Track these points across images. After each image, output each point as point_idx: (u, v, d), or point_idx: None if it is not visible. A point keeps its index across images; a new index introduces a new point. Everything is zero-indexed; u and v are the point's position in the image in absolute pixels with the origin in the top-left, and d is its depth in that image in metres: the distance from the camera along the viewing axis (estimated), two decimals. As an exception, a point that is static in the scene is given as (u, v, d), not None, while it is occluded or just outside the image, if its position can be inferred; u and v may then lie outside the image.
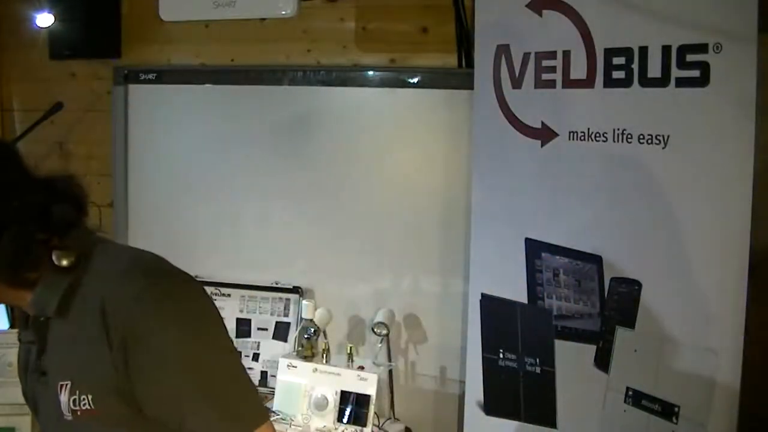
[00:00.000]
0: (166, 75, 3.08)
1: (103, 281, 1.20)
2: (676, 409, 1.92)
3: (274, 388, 2.63)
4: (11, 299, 1.26)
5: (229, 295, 2.94)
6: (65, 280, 1.23)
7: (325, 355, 2.58)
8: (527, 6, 2.22)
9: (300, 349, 2.62)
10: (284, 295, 2.91)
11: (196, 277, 1.30)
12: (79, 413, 1.19)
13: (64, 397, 1.21)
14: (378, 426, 2.60)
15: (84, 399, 1.19)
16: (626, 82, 1.98)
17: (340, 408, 2.48)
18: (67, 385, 1.21)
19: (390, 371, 2.72)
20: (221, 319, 1.24)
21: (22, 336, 1.34)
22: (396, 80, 2.77)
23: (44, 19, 3.04)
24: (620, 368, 2.06)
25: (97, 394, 1.18)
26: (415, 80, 2.74)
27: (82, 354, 1.19)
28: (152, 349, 1.14)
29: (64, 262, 1.22)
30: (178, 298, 1.20)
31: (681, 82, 1.87)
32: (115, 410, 1.18)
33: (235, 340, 2.81)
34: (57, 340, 1.25)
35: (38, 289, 1.23)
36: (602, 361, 2.10)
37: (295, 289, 2.90)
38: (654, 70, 1.92)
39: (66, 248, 1.23)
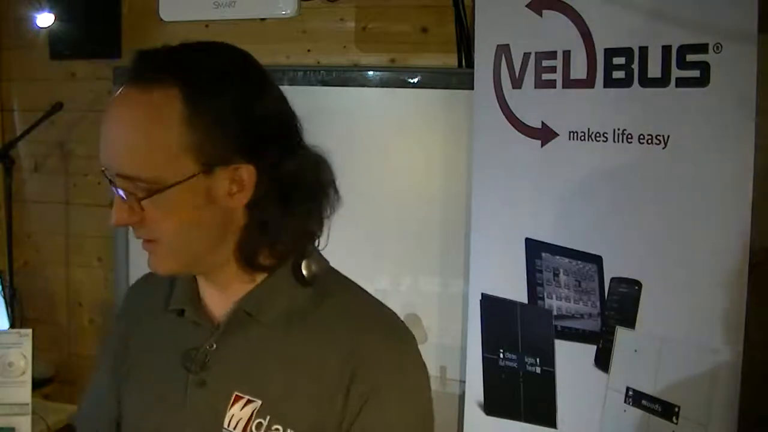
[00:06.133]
0: (166, 75, 3.07)
1: (357, 327, 1.12)
2: (676, 409, 1.91)
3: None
4: (215, 266, 1.11)
5: (229, 295, 2.92)
6: (301, 292, 1.14)
7: (325, 355, 2.57)
8: (527, 6, 2.22)
9: (300, 349, 2.61)
10: (284, 295, 2.90)
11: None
12: None
13: (238, 412, 1.09)
14: (378, 426, 2.60)
15: (277, 430, 1.08)
16: (626, 82, 1.98)
17: (340, 408, 2.47)
18: (250, 401, 1.09)
19: (390, 371, 2.71)
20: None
21: (176, 305, 1.19)
22: (396, 80, 2.77)
23: (44, 19, 3.03)
24: (620, 368, 2.05)
25: None
26: (415, 80, 2.74)
27: (298, 386, 1.09)
28: (386, 416, 1.11)
29: (313, 269, 1.14)
30: (424, 384, 1.20)
31: (681, 82, 1.87)
32: None
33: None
34: (249, 348, 1.12)
35: (266, 283, 1.13)
36: (602, 361, 2.10)
37: (295, 289, 2.89)
38: (654, 70, 1.92)
39: (314, 259, 1.16)
